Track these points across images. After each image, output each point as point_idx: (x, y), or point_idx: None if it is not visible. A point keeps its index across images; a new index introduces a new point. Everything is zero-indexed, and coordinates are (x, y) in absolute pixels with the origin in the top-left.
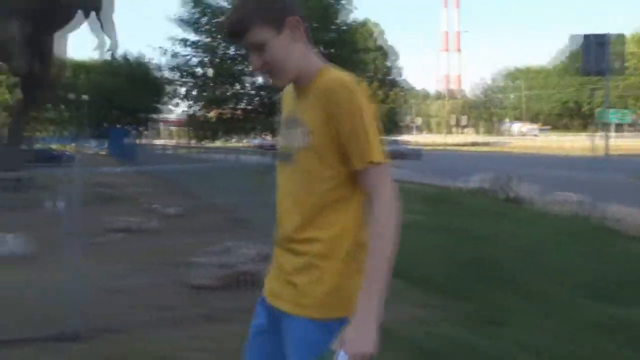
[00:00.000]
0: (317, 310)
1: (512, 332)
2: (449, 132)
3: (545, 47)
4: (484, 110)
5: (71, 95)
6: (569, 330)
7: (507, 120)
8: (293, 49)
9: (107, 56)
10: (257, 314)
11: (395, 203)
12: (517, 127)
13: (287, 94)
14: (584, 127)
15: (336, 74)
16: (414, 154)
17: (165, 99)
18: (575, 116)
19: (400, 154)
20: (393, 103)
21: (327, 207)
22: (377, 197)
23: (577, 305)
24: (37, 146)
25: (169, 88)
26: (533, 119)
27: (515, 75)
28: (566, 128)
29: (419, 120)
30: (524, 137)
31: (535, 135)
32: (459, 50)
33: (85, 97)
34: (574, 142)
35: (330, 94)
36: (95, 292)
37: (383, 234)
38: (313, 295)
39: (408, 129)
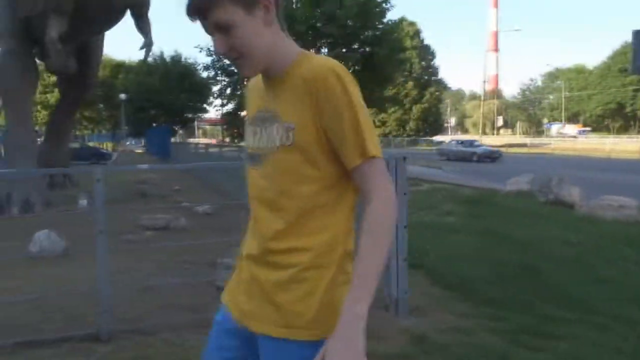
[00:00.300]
0: (310, 331)
1: (566, 347)
2: (487, 132)
3: (587, 47)
4: (522, 111)
5: (110, 94)
6: (631, 346)
7: (545, 121)
8: (264, 33)
9: (149, 55)
10: (218, 335)
11: (395, 201)
12: (555, 128)
13: (254, 88)
14: (625, 129)
15: (322, 60)
16: (491, 156)
17: (201, 97)
18: (617, 117)
19: (477, 156)
20: (428, 103)
21: (313, 212)
22: (378, 194)
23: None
24: (77, 145)
25: (205, 87)
26: (572, 120)
27: (555, 75)
28: (607, 130)
29: (453, 121)
30: (563, 139)
31: (575, 137)
32: (496, 49)
33: (123, 95)
34: (616, 144)
35: (318, 83)
36: (124, 292)
37: (382, 233)
38: (303, 314)
39: (441, 130)
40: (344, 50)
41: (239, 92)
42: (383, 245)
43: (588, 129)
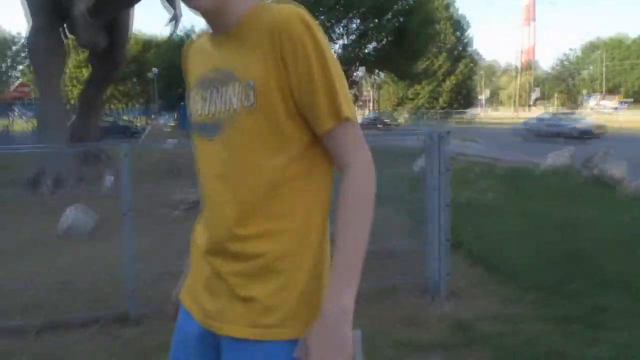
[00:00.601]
0: (285, 329)
1: (624, 340)
2: (521, 106)
3: (629, 16)
4: (559, 83)
5: (141, 70)
6: None
7: (584, 93)
8: None
9: (177, 30)
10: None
11: (374, 170)
12: (593, 100)
13: (197, 50)
14: None
15: (285, 6)
16: (591, 132)
17: None
18: None
19: (578, 133)
20: (461, 75)
21: (281, 188)
22: (355, 163)
23: None
24: (109, 120)
25: None
26: (613, 92)
27: (595, 45)
28: None
29: (486, 94)
30: (601, 111)
31: (615, 109)
32: (533, 20)
33: (154, 70)
34: None
35: (282, 33)
36: (153, 272)
37: (364, 209)
38: (278, 309)
39: (474, 103)
40: (375, 21)
41: None
42: (366, 224)
43: (630, 100)
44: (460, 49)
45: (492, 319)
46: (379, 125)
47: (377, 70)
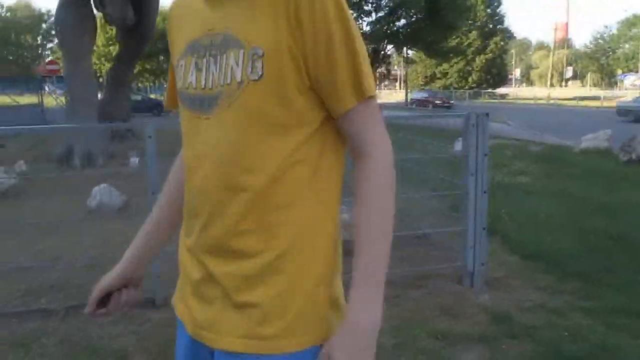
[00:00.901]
0: (291, 339)
1: None
2: (554, 84)
3: None
4: (593, 61)
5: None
6: None
7: (619, 72)
8: None
9: None
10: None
11: (392, 157)
12: (630, 79)
13: (184, 7)
14: None
15: None
16: None
17: None
18: None
19: None
20: (492, 53)
21: (288, 175)
22: (376, 149)
23: None
24: (138, 97)
25: None
26: None
27: (632, 22)
28: None
29: (517, 72)
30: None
31: None
32: None
33: None
34: None
35: None
36: (176, 256)
37: (387, 203)
38: (280, 316)
39: (505, 82)
40: None
41: None
42: (390, 219)
43: None
44: (492, 25)
45: (532, 310)
46: (429, 106)
47: (405, 48)
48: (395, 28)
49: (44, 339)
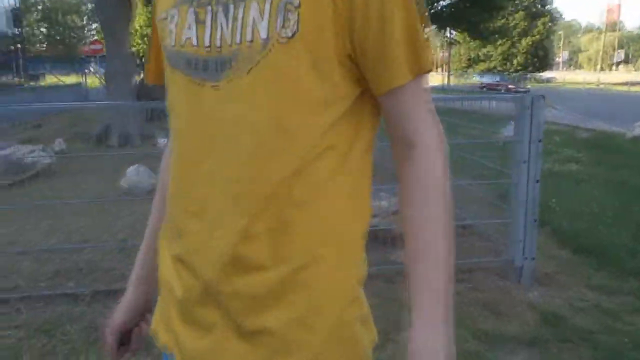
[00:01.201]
0: None
1: None
2: (604, 68)
3: None
4: None
5: None
6: None
7: None
8: None
9: None
10: None
11: (446, 145)
12: None
13: None
14: None
15: None
16: None
17: None
18: None
19: None
20: (538, 35)
21: (315, 163)
22: (430, 137)
23: None
24: None
25: None
26: None
27: None
28: None
29: (565, 55)
30: None
31: None
32: None
33: None
34: None
35: None
36: None
37: (446, 205)
38: (302, 347)
39: (551, 65)
40: None
41: None
42: (450, 225)
43: None
44: (539, 6)
45: (586, 311)
46: (502, 90)
47: (448, 29)
48: (439, 7)
49: (68, 325)
